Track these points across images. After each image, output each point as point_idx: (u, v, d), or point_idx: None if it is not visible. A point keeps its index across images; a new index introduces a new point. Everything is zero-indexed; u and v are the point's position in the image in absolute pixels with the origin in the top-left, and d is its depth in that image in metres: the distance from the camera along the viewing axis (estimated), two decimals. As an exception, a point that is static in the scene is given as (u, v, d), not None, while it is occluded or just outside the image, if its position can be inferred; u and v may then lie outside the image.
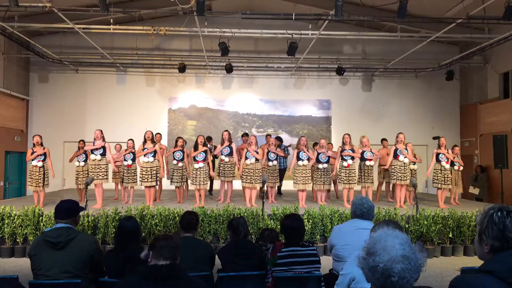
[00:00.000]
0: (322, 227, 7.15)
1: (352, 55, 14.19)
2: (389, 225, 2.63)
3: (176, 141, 9.22)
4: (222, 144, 8.95)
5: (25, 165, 12.79)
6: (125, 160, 8.83)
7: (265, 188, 8.04)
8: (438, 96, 14.40)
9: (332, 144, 10.85)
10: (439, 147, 9.02)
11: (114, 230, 6.57)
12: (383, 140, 10.46)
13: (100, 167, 8.45)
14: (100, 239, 6.69)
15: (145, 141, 8.63)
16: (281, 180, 10.28)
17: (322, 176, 8.85)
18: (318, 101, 14.36)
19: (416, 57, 12.71)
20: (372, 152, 8.86)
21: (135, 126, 12.60)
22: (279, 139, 10.60)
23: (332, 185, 10.07)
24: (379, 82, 14.49)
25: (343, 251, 3.47)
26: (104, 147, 8.49)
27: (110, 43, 13.18)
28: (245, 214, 7.01)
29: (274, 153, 9.18)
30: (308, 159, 8.71)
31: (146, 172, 8.47)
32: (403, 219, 7.16)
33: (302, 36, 10.66)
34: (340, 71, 13.02)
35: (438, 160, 8.93)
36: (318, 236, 7.13)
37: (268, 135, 10.28)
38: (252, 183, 8.53)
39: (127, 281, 2.44)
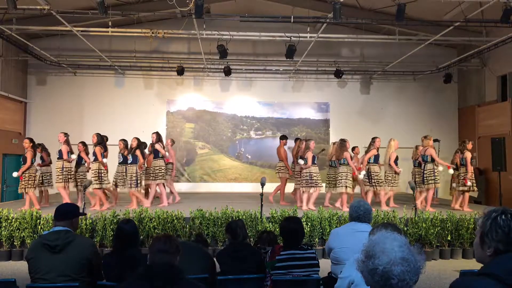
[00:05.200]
0: (321, 230, 7.14)
1: (350, 58, 14.20)
2: (388, 227, 2.62)
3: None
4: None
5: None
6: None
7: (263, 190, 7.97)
8: (436, 98, 14.42)
9: (358, 147, 10.39)
10: (464, 150, 8.94)
11: (112, 233, 6.55)
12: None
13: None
14: (98, 242, 6.67)
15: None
16: None
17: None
18: (317, 103, 14.36)
19: (414, 60, 12.72)
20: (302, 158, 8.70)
21: (133, 129, 12.48)
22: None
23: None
24: (377, 85, 14.51)
25: (341, 253, 3.47)
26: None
27: (108, 46, 13.17)
28: (244, 217, 7.00)
29: None
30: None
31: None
32: (402, 222, 7.16)
33: (300, 39, 10.66)
34: (338, 74, 13.03)
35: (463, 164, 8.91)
36: (316, 239, 7.12)
37: (297, 139, 9.81)
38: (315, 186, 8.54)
39: (128, 284, 2.42)
